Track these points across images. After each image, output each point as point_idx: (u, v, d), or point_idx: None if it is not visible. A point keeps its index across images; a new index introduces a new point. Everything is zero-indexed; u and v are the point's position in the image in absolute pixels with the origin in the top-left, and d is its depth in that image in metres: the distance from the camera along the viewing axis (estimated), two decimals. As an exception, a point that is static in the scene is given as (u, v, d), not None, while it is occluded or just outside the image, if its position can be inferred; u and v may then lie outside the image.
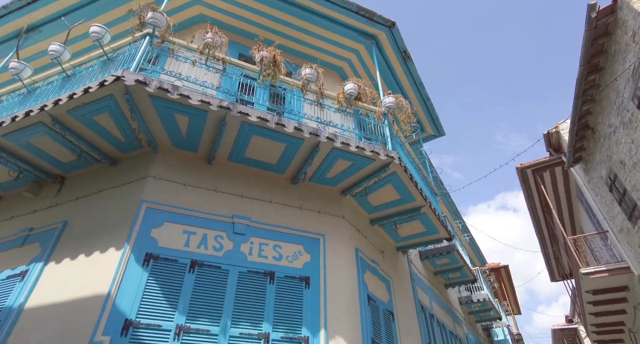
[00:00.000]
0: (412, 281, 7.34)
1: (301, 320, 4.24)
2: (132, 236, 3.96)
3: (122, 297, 3.60)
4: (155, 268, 3.88)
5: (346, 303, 4.62)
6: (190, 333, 3.66)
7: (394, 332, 5.50)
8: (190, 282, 3.95)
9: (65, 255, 4.09)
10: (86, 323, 3.40)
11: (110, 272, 3.71)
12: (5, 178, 4.97)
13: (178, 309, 3.74)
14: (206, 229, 4.40)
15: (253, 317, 4.03)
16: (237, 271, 4.25)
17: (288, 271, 4.54)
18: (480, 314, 12.06)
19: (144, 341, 3.46)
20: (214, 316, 3.86)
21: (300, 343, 4.08)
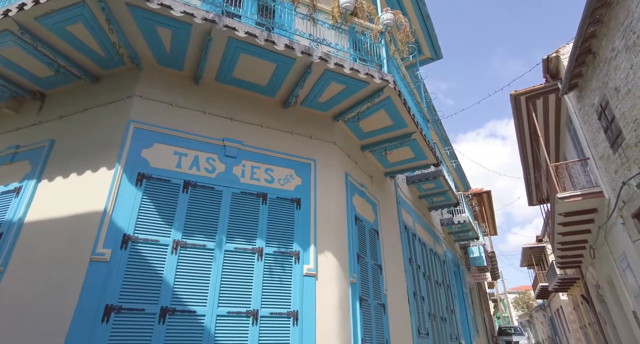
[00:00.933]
0: (398, 204, 7.70)
1: (292, 237, 4.51)
2: (122, 156, 3.95)
3: (118, 214, 3.72)
4: (148, 188, 3.95)
5: (335, 222, 4.88)
6: (187, 247, 3.89)
7: (378, 248, 5.93)
8: (184, 201, 4.07)
9: (57, 174, 4.10)
10: (87, 237, 3.57)
11: (104, 190, 3.77)
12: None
13: (174, 226, 3.92)
14: (197, 151, 4.39)
15: (247, 234, 4.26)
16: (231, 193, 4.37)
17: (280, 193, 4.68)
18: (460, 234, 12.99)
19: (143, 254, 3.68)
20: (210, 232, 4.07)
21: (292, 256, 4.39)
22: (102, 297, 3.36)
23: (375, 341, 4.90)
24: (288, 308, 4.10)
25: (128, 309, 3.42)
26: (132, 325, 3.39)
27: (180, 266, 3.79)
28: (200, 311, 3.69)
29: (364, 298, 4.96)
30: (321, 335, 4.09)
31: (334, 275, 4.51)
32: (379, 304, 5.35)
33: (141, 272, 3.60)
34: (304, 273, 4.34)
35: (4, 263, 3.72)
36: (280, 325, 3.98)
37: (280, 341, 3.91)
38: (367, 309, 4.94)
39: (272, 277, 4.19)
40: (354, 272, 4.89)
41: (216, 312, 3.75)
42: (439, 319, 8.48)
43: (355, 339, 4.44)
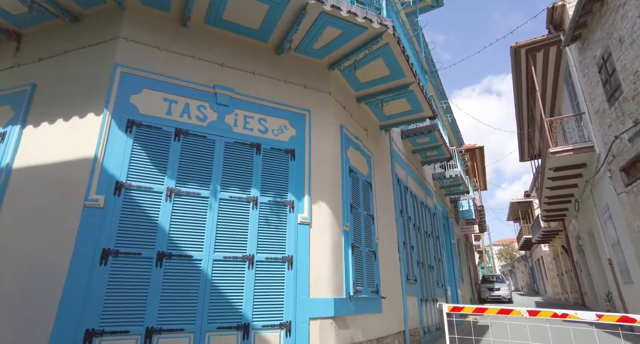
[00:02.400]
0: (392, 158, 7.73)
1: (287, 187, 4.54)
2: (110, 102, 3.82)
3: (109, 161, 3.67)
4: (139, 135, 3.87)
5: (329, 174, 4.90)
6: (181, 195, 3.91)
7: (370, 200, 6.04)
8: (176, 150, 4.02)
9: (42, 119, 3.98)
10: (78, 183, 3.55)
11: (93, 137, 3.69)
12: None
13: (167, 174, 3.90)
14: (188, 98, 4.25)
15: (241, 183, 4.28)
16: (224, 142, 4.31)
17: (274, 144, 4.63)
18: (451, 188, 13.25)
19: (137, 201, 3.69)
20: (204, 181, 4.07)
21: (286, 206, 4.45)
22: (99, 241, 3.42)
23: (366, 284, 5.16)
24: (283, 253, 4.24)
25: (125, 253, 3.50)
26: (130, 268, 3.49)
27: (175, 213, 3.83)
28: (196, 256, 3.79)
29: (356, 245, 5.13)
30: (315, 278, 4.27)
31: (328, 223, 4.62)
32: (370, 252, 5.56)
33: (136, 218, 3.64)
34: (298, 222, 4.43)
35: (-3, 209, 3.71)
36: (275, 269, 4.14)
37: (276, 284, 4.09)
38: (358, 256, 5.14)
39: (267, 225, 4.27)
40: (347, 221, 5.01)
41: (212, 257, 3.86)
42: (427, 267, 8.90)
43: (347, 282, 4.66)
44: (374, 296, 5.38)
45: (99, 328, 3.22)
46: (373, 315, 5.28)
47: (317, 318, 4.11)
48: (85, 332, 3.17)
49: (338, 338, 4.18)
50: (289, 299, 4.08)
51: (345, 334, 4.37)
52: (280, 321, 3.95)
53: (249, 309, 3.85)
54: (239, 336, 3.72)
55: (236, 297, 3.85)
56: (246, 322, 3.80)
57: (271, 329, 3.89)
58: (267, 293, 4.01)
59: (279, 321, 3.94)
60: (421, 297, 7.88)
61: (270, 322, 3.91)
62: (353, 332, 4.59)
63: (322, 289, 4.28)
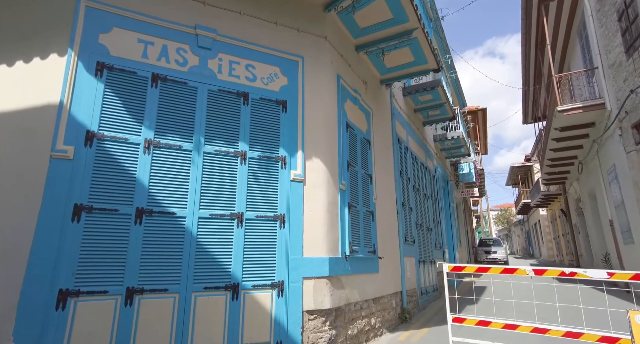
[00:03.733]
0: (392, 116, 7.31)
1: (278, 141, 4.18)
2: (75, 41, 3.37)
3: (77, 108, 3.28)
4: (111, 79, 3.45)
5: (324, 128, 4.53)
6: (160, 147, 3.56)
7: (369, 158, 5.71)
8: (154, 97, 3.61)
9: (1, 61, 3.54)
10: (43, 132, 3.18)
11: (57, 80, 3.27)
12: None
13: (145, 124, 3.52)
14: (165, 39, 3.78)
15: (228, 136, 3.91)
16: (207, 89, 3.89)
17: (263, 94, 4.22)
18: (452, 150, 12.90)
19: (112, 153, 3.35)
20: (186, 132, 3.70)
21: (278, 161, 4.12)
22: (70, 196, 3.11)
23: (362, 244, 4.95)
24: (275, 211, 3.96)
25: (100, 209, 3.20)
26: (106, 225, 3.21)
27: (155, 167, 3.50)
28: (180, 213, 3.51)
29: (353, 204, 4.87)
30: (309, 237, 4.03)
31: (323, 181, 4.31)
32: (367, 212, 5.31)
33: (111, 172, 3.31)
34: (291, 178, 4.12)
35: (-42, 163, 3.37)
36: (266, 227, 3.88)
37: (267, 243, 3.84)
38: (355, 216, 4.89)
39: (257, 182, 3.96)
40: (344, 179, 4.71)
41: (198, 214, 3.58)
42: (426, 229, 8.75)
43: (343, 242, 4.43)
44: (371, 257, 5.19)
45: (73, 288, 2.99)
46: (370, 275, 5.12)
47: (311, 277, 3.91)
48: (58, 292, 2.94)
49: (333, 297, 4.01)
50: (282, 258, 3.85)
51: (340, 294, 4.20)
52: (272, 281, 3.74)
53: (238, 269, 3.63)
54: (227, 296, 3.52)
55: (224, 256, 3.62)
56: (235, 282, 3.58)
57: (262, 289, 3.69)
58: (257, 253, 3.78)
59: (270, 281, 3.73)
60: (419, 258, 7.78)
61: (261, 282, 3.70)
62: (349, 292, 4.43)
63: (317, 248, 4.05)
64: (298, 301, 3.78)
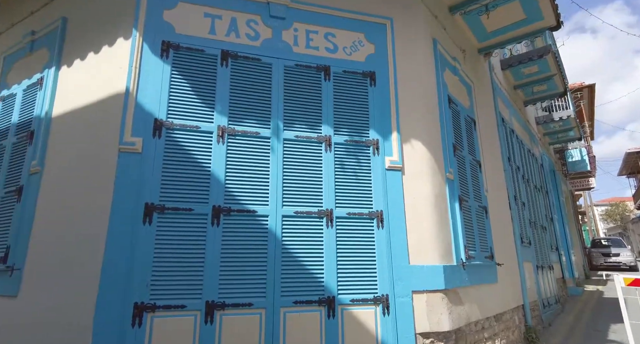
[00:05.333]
0: (494, 91, 6.10)
1: (368, 122, 3.43)
2: (139, 20, 3.00)
3: (144, 94, 2.89)
4: (177, 60, 3.02)
5: (422, 102, 3.66)
6: (236, 135, 3.03)
7: (475, 141, 4.67)
8: (225, 77, 3.11)
9: (74, 56, 3.34)
10: (111, 124, 2.84)
11: (123, 65, 2.93)
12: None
13: (216, 109, 3.03)
14: (234, 11, 3.27)
15: (309, 119, 3.27)
16: (282, 65, 3.29)
17: (347, 65, 3.50)
18: (558, 135, 10.92)
19: (182, 144, 2.90)
20: (262, 116, 3.14)
21: (369, 146, 3.37)
22: (140, 195, 2.71)
23: (478, 248, 3.95)
24: (369, 207, 3.21)
25: (173, 208, 2.75)
26: (181, 227, 2.75)
27: (231, 158, 2.98)
28: (261, 211, 2.94)
29: (464, 198, 3.90)
30: (414, 239, 3.20)
31: (426, 168, 3.45)
32: (480, 207, 4.28)
33: (183, 165, 2.86)
34: (386, 167, 3.33)
35: (40, 163, 3.22)
36: (360, 227, 3.14)
37: (363, 246, 3.10)
38: (467, 212, 3.91)
39: (346, 171, 3.25)
40: (450, 167, 3.77)
41: (281, 212, 2.98)
42: (540, 228, 7.27)
43: (456, 245, 3.51)
44: (489, 263, 4.15)
45: (149, 302, 2.56)
46: (488, 286, 4.08)
47: (423, 291, 3.07)
48: (134, 306, 2.53)
49: (452, 316, 3.11)
50: (383, 266, 3.07)
51: (459, 311, 3.28)
52: (374, 295, 2.98)
53: (332, 279, 2.94)
54: (322, 312, 2.85)
55: (315, 263, 2.96)
56: (330, 295, 2.90)
57: (363, 305, 2.95)
58: (353, 258, 3.05)
59: (372, 295, 2.97)
60: (536, 263, 6.40)
61: (360, 295, 2.96)
62: (468, 308, 3.47)
63: (426, 254, 3.20)
64: (409, 321, 2.96)
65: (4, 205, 3.36)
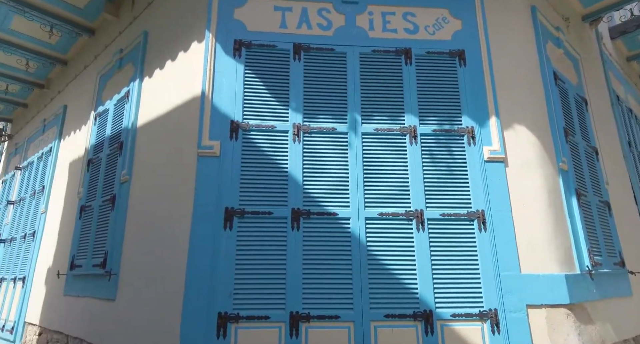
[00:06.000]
0: (604, 65, 5.13)
1: (459, 107, 2.99)
2: (211, 22, 2.96)
3: (219, 96, 2.83)
4: (250, 58, 2.92)
5: (524, 80, 3.11)
6: (311, 132, 2.82)
7: (588, 123, 3.90)
8: (298, 72, 2.92)
9: (154, 66, 3.45)
10: (189, 130, 2.83)
11: (198, 69, 2.90)
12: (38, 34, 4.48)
13: (291, 106, 2.85)
14: (304, 2, 3.08)
15: (389, 109, 2.94)
16: (358, 53, 3.01)
17: (430, 46, 3.10)
18: (686, 112, 8.99)
19: (258, 145, 2.77)
20: (338, 110, 2.89)
21: (462, 135, 2.92)
22: (220, 199, 2.63)
23: (604, 252, 3.23)
24: (467, 207, 2.77)
25: (252, 212, 2.63)
26: (261, 231, 2.61)
27: (308, 156, 2.77)
28: (342, 214, 2.68)
29: (582, 192, 3.23)
30: (525, 243, 2.68)
31: (534, 158, 2.90)
32: (601, 202, 3.53)
33: (260, 167, 2.73)
34: (485, 158, 2.86)
35: (128, 172, 3.37)
36: (458, 231, 2.72)
37: (462, 252, 2.67)
38: (587, 209, 3.23)
39: (436, 166, 2.85)
40: (563, 155, 3.14)
41: (363, 214, 2.69)
42: (674, 226, 5.96)
43: (578, 249, 2.88)
44: (619, 271, 3.39)
45: (232, 312, 2.45)
46: (621, 300, 3.32)
47: (541, 305, 2.54)
48: (217, 316, 2.44)
49: (582, 338, 2.52)
50: (488, 276, 2.61)
51: (590, 332, 2.66)
52: (480, 309, 2.53)
53: (427, 290, 2.57)
54: (418, 328, 2.49)
55: (406, 271, 2.61)
56: (426, 308, 2.53)
57: (466, 321, 2.52)
58: (451, 266, 2.64)
59: (477, 309, 2.53)
60: (674, 269, 5.21)
61: (463, 310, 2.54)
62: (600, 328, 2.82)
63: (541, 260, 2.66)
64: (525, 342, 2.46)
65: (102, 213, 3.58)
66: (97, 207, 3.66)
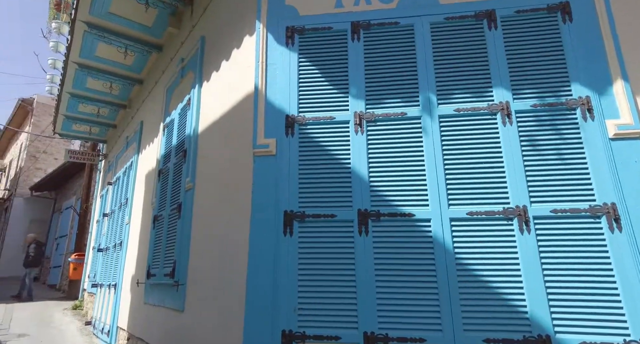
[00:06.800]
0: None
1: (566, 74, 2.34)
2: (261, 11, 2.75)
3: (273, 90, 2.58)
4: (303, 45, 2.63)
5: (657, 32, 2.34)
6: (376, 121, 2.42)
7: None
8: (357, 53, 2.55)
9: (211, 69, 3.36)
10: (244, 130, 2.63)
11: (250, 64, 2.70)
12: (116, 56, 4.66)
13: (351, 93, 2.49)
14: (360, -25, 2.72)
15: (472, 84, 2.41)
16: (428, 23, 2.54)
17: (520, 3, 2.50)
18: None
19: (316, 140, 2.45)
20: (407, 92, 2.44)
21: (573, 109, 2.27)
22: (278, 202, 2.36)
23: None
24: (589, 199, 2.11)
25: (313, 215, 2.31)
26: (324, 237, 2.27)
27: (373, 148, 2.38)
28: (420, 214, 2.22)
29: None
30: (685, 247, 1.93)
31: (684, 130, 2.13)
32: None
33: (320, 164, 2.40)
34: (610, 135, 2.17)
35: (192, 179, 3.31)
36: (578, 231, 2.07)
37: (587, 259, 2.02)
38: None
39: (539, 150, 2.24)
40: None
41: (448, 214, 2.20)
42: None
43: None
44: None
45: (298, 330, 2.14)
46: None
47: None
48: (281, 335, 2.15)
49: None
50: (631, 291, 1.93)
51: None
52: (627, 338, 1.86)
53: (540, 309, 1.97)
54: (532, 360, 1.91)
55: (507, 283, 2.05)
56: (542, 333, 1.93)
57: (604, 354, 1.87)
58: (571, 277, 2.01)
59: (621, 337, 1.87)
60: None
61: (598, 337, 1.89)
62: None
63: None
64: (702, 389, 1.73)
65: (171, 222, 3.58)
66: (167, 216, 3.67)
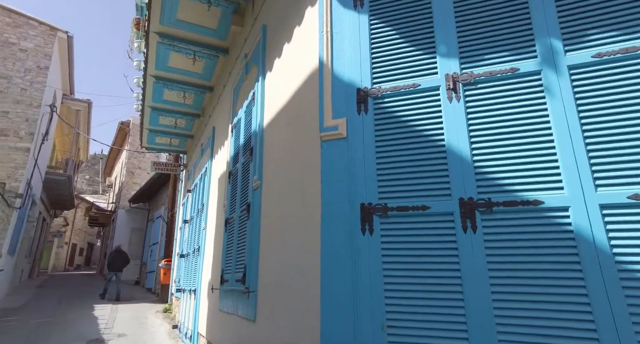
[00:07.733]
0: None
1: None
2: (320, -24, 2.38)
3: (340, 62, 2.17)
4: (375, 4, 2.18)
5: None
6: (477, 82, 1.86)
7: None
8: (446, 4, 2.03)
9: (273, 57, 3.09)
10: (309, 113, 2.26)
11: (313, 38, 2.34)
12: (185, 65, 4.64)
13: (439, 52, 1.97)
14: None
15: (617, 20, 1.73)
16: (538, -49, 1.93)
17: None
18: None
19: (397, 113, 1.97)
20: (517, 41, 1.85)
21: None
22: (352, 193, 1.92)
23: None
24: None
25: (398, 209, 1.82)
26: (414, 235, 1.77)
27: (474, 119, 1.82)
28: (552, 202, 1.60)
29: None
30: None
31: None
32: None
33: (401, 144, 1.91)
34: None
35: (259, 177, 3.04)
36: None
37: None
38: None
39: None
40: None
41: (596, 199, 1.55)
42: None
43: None
44: None
45: (386, 353, 1.66)
46: None
47: None
48: (365, 357, 1.69)
49: None
50: None
51: None
52: None
53: None
54: None
55: None
56: None
57: None
58: None
59: None
60: None
61: None
62: None
63: None
64: None
65: (241, 224, 3.36)
66: (237, 218, 3.48)
